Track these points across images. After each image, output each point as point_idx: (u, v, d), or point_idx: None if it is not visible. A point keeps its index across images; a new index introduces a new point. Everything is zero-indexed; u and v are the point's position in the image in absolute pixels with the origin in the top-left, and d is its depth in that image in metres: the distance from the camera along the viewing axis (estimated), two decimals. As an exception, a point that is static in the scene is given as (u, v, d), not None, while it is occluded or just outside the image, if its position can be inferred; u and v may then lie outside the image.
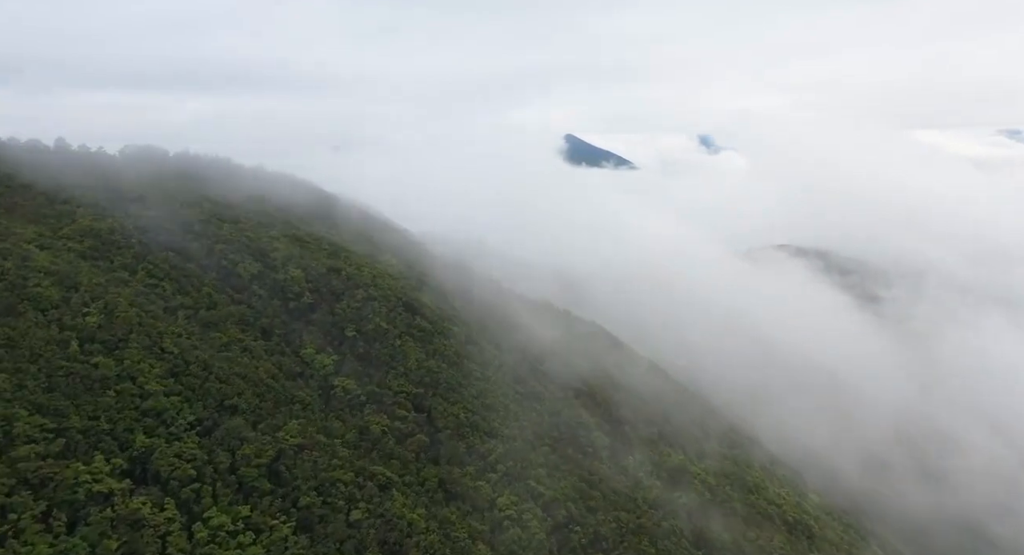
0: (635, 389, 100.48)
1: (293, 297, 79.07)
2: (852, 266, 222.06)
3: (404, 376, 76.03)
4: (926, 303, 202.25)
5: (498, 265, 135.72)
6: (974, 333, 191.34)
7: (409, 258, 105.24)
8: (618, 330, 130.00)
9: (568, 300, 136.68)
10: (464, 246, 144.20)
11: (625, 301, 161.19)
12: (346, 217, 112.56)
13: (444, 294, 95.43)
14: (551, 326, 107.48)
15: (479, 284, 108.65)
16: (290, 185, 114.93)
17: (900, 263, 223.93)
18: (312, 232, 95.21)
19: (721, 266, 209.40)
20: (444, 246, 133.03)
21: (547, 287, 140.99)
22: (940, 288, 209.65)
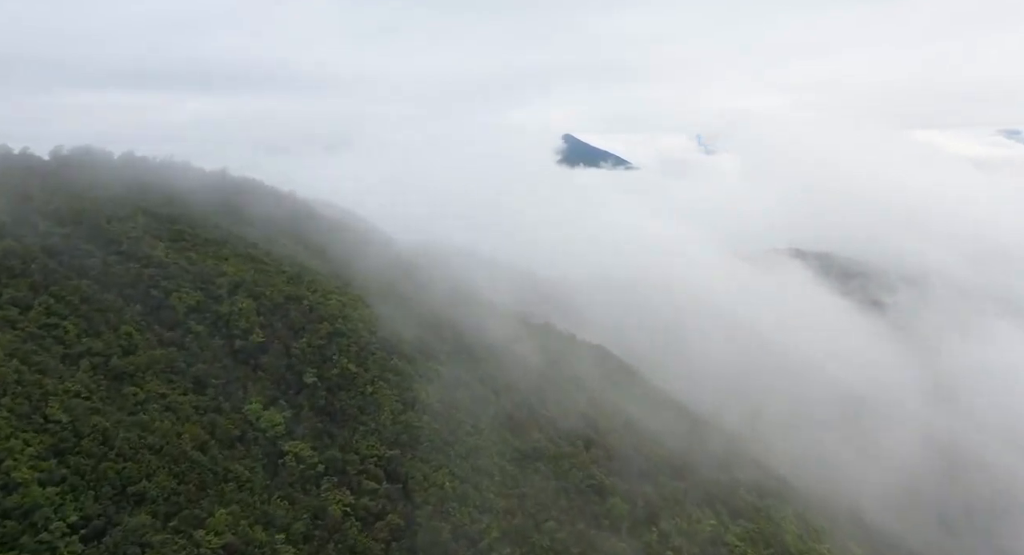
0: (651, 431, 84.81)
1: (240, 334, 63.21)
2: (854, 269, 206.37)
3: (376, 434, 60.25)
4: (932, 310, 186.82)
5: (490, 278, 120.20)
6: (990, 345, 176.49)
7: (391, 278, 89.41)
8: (616, 342, 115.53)
9: (565, 313, 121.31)
10: (454, 257, 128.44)
11: (623, 311, 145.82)
12: (320, 230, 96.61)
13: (429, 323, 79.53)
14: (553, 355, 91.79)
15: (471, 307, 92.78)
16: (256, 193, 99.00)
17: (902, 266, 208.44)
18: (273, 251, 79.21)
19: (722, 271, 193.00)
20: (432, 259, 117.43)
21: (544, 301, 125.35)
22: (945, 293, 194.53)
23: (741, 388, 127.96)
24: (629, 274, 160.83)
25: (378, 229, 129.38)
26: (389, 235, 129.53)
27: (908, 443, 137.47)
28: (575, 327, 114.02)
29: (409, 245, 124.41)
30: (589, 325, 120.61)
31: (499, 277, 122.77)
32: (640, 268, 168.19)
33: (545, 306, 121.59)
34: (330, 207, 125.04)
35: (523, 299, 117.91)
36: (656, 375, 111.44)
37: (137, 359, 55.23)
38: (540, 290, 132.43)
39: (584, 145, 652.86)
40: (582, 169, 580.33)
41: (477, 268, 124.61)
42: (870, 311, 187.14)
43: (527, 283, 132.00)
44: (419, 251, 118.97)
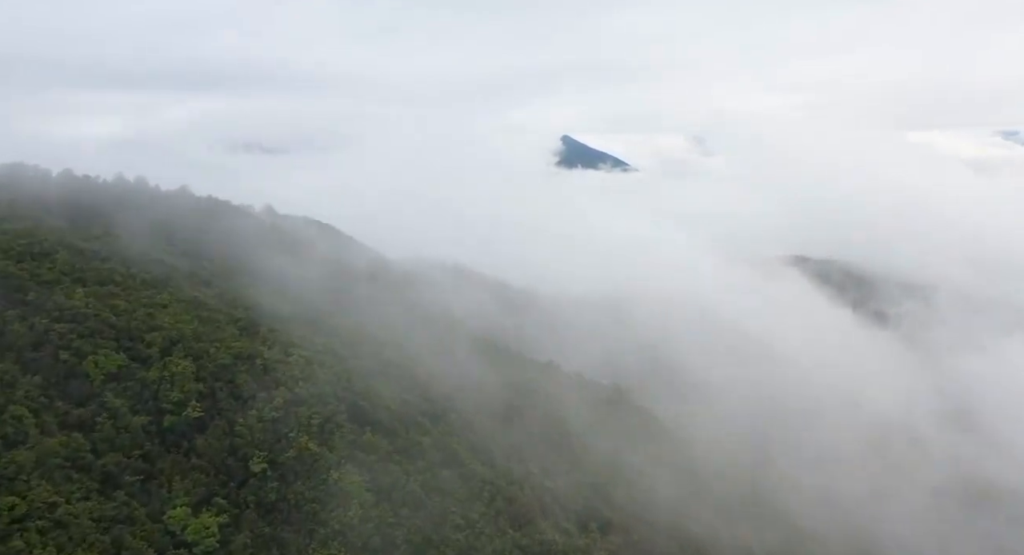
0: (675, 499, 71.49)
1: (171, 408, 49.73)
2: (856, 278, 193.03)
3: (340, 537, 46.86)
4: (938, 323, 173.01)
5: (477, 303, 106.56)
6: (1004, 363, 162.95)
7: (369, 317, 75.90)
8: (610, 361, 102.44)
9: (556, 331, 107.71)
10: (441, 275, 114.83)
11: (616, 328, 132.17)
12: (295, 257, 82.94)
13: (413, 376, 66.01)
14: (555, 403, 78.30)
15: (458, 344, 79.42)
16: (219, 215, 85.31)
17: (904, 274, 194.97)
18: (227, 292, 65.61)
19: (721, 282, 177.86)
20: (418, 281, 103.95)
21: (537, 322, 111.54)
22: (950, 304, 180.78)
23: (748, 416, 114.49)
24: (623, 287, 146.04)
25: (363, 248, 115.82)
26: (375, 253, 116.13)
27: (932, 475, 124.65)
28: (567, 347, 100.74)
29: (396, 266, 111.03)
30: (581, 344, 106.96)
31: (486, 300, 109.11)
32: (635, 279, 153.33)
33: (538, 328, 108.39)
34: (311, 225, 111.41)
35: (515, 325, 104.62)
36: (654, 399, 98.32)
37: (21, 455, 41.71)
38: (534, 310, 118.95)
39: (583, 146, 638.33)
40: (580, 171, 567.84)
41: (466, 290, 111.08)
42: (876, 324, 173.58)
43: (517, 302, 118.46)
44: (406, 276, 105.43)
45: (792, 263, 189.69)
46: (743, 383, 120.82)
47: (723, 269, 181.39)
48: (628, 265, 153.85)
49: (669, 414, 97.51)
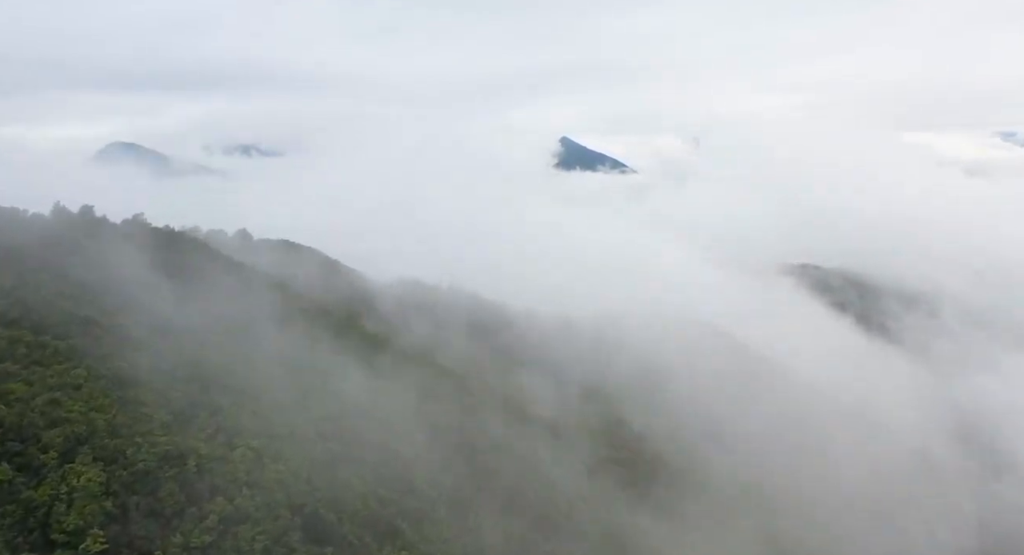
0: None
1: (64, 540, 37.44)
2: (858, 288, 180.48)
3: None
4: (942, 336, 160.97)
5: (474, 323, 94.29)
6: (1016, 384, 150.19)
7: (348, 371, 63.47)
8: (601, 383, 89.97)
9: (547, 353, 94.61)
10: (431, 296, 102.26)
11: (607, 346, 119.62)
12: (256, 297, 70.12)
13: (397, 458, 53.68)
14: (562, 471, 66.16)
15: (445, 400, 67.12)
16: (178, 250, 72.49)
17: (904, 284, 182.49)
18: (164, 358, 53.06)
19: (721, 294, 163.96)
20: (408, 312, 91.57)
21: (531, 346, 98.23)
22: (953, 316, 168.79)
23: (750, 445, 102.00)
24: (620, 305, 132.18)
25: (348, 274, 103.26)
26: (362, 279, 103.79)
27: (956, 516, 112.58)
28: (560, 371, 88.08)
29: (387, 294, 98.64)
30: (573, 364, 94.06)
31: (480, 328, 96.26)
32: (632, 295, 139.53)
33: (530, 354, 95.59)
34: (290, 251, 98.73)
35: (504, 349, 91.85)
36: (646, 423, 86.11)
37: None
38: (534, 333, 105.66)
39: (581, 148, 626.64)
40: (578, 173, 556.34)
41: (459, 309, 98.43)
42: (881, 337, 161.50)
43: (534, 325, 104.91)
44: (397, 307, 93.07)
45: (793, 272, 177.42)
46: (750, 408, 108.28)
47: (723, 280, 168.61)
48: (626, 280, 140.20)
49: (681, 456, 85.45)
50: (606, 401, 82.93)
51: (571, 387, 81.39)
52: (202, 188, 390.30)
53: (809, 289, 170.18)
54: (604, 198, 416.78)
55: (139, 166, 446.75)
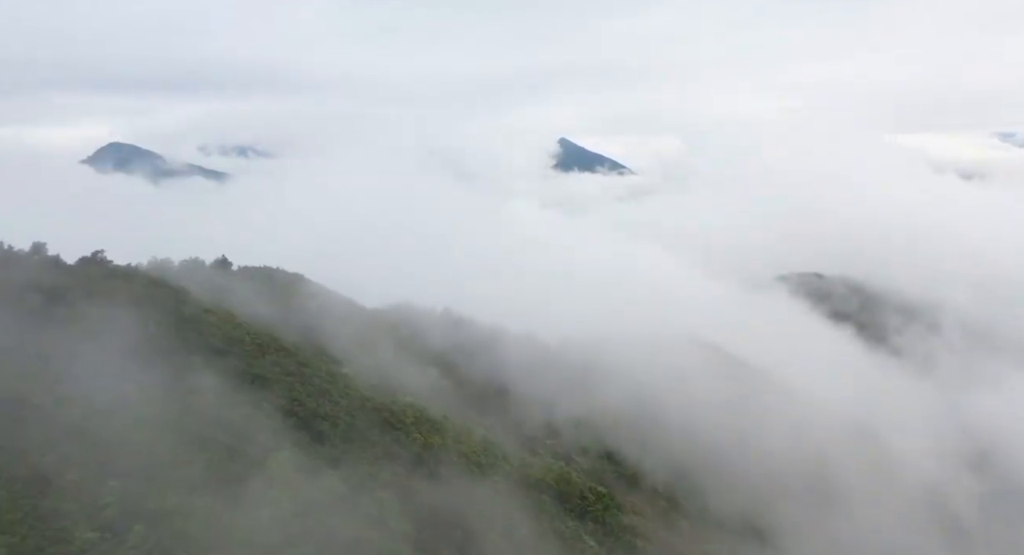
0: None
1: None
2: (858, 297, 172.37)
3: None
4: (946, 351, 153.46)
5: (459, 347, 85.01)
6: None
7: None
8: (589, 414, 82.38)
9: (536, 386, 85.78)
10: (426, 323, 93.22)
11: (609, 373, 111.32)
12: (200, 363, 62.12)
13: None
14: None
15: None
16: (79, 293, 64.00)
17: (905, 293, 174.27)
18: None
19: (719, 308, 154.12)
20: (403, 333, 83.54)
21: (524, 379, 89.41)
22: (958, 330, 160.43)
23: (755, 479, 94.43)
24: (607, 320, 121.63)
25: (338, 303, 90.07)
26: (352, 309, 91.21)
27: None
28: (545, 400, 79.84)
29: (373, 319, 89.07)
30: (560, 391, 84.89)
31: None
32: (620, 305, 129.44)
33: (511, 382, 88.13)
34: (275, 280, 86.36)
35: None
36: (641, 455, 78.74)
37: None
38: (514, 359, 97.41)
39: (580, 149, 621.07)
40: (576, 174, 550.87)
41: (462, 336, 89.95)
42: (883, 351, 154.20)
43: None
44: (390, 325, 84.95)
45: (793, 282, 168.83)
46: (754, 436, 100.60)
47: (721, 293, 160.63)
48: (619, 295, 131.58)
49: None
50: (594, 430, 76.08)
51: (556, 417, 74.57)
52: (197, 191, 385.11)
53: (810, 300, 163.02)
54: (601, 201, 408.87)
55: (135, 167, 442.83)
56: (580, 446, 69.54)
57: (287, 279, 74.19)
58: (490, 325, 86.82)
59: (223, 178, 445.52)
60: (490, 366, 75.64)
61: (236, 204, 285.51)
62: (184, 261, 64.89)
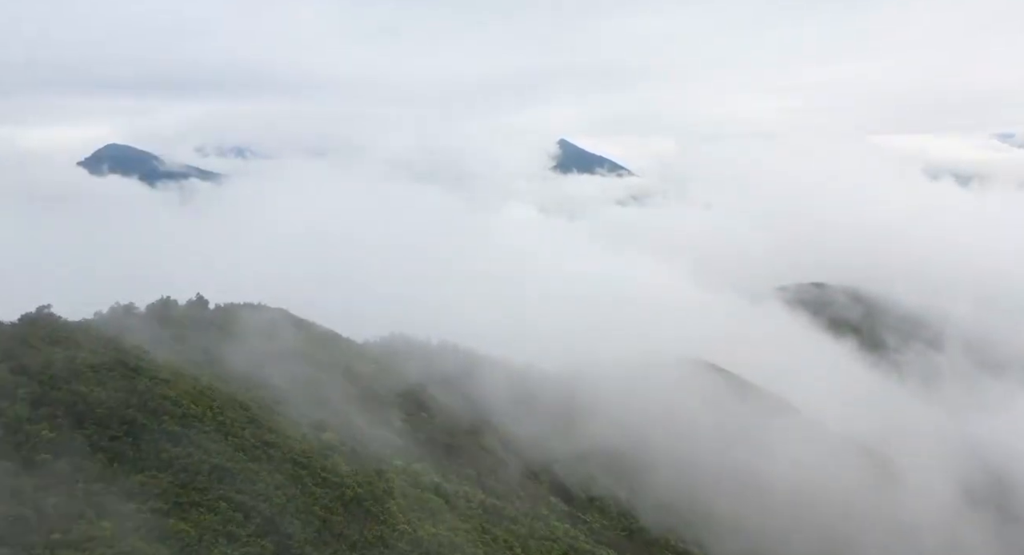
0: None
1: None
2: (859, 309, 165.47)
3: None
4: (951, 367, 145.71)
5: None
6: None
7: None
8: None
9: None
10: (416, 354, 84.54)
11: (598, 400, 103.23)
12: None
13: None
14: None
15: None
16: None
17: (906, 307, 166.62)
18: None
19: (721, 323, 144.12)
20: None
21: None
22: (961, 348, 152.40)
23: (762, 520, 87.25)
24: (595, 339, 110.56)
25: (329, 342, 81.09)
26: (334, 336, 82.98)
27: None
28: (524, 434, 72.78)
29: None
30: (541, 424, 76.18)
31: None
32: (611, 322, 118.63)
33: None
34: (253, 314, 78.51)
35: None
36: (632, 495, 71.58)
37: None
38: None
39: (579, 150, 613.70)
40: (575, 175, 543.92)
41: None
42: (888, 368, 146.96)
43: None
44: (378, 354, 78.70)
45: (793, 293, 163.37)
46: (760, 469, 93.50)
47: (719, 306, 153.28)
48: (608, 311, 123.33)
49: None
50: (581, 467, 70.45)
51: (535, 455, 68.80)
52: (190, 194, 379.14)
53: (810, 310, 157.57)
54: (599, 202, 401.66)
55: (132, 168, 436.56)
56: (567, 491, 64.18)
57: (265, 319, 67.08)
58: (474, 354, 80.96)
59: (220, 179, 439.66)
60: (472, 401, 70.24)
61: (226, 214, 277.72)
62: (152, 305, 58.57)
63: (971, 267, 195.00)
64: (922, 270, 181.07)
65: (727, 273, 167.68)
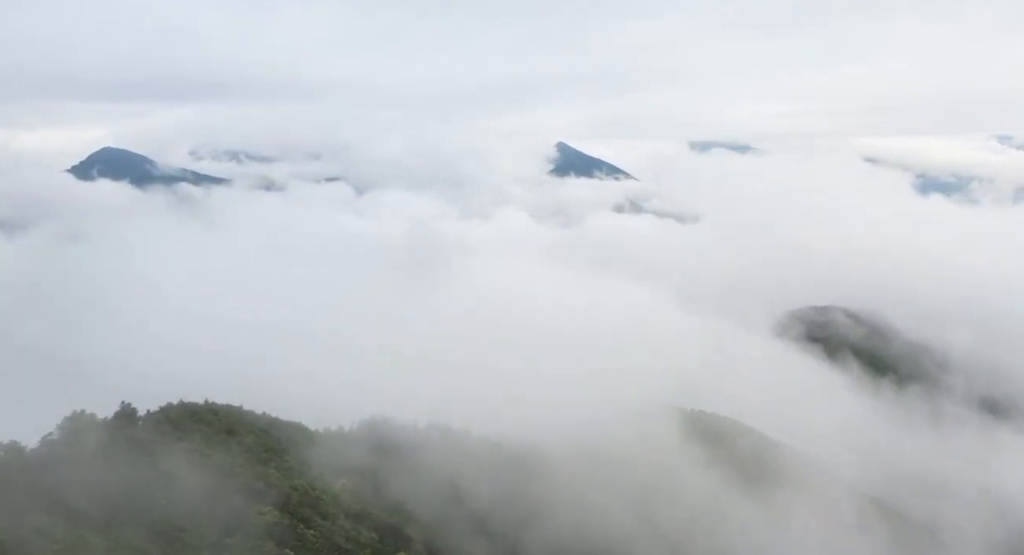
0: None
1: None
2: (862, 337, 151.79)
3: None
4: (956, 403, 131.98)
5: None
6: None
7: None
8: None
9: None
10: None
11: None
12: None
13: None
14: None
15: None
16: None
17: (910, 335, 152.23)
18: None
19: (717, 359, 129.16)
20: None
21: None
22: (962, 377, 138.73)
23: None
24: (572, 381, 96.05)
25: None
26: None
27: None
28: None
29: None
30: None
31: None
32: (592, 359, 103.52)
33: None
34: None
35: None
36: None
37: None
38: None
39: (578, 153, 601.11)
40: (572, 179, 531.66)
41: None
42: (900, 406, 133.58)
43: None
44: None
45: (791, 319, 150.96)
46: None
47: (712, 336, 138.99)
48: (589, 345, 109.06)
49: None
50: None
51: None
52: (178, 201, 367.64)
53: (808, 338, 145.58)
54: (591, 210, 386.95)
55: (125, 171, 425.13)
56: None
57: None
58: (427, 427, 69.05)
59: (213, 183, 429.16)
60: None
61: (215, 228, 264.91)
62: (63, 426, 45.25)
63: (973, 287, 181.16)
64: (924, 292, 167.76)
65: (716, 295, 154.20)
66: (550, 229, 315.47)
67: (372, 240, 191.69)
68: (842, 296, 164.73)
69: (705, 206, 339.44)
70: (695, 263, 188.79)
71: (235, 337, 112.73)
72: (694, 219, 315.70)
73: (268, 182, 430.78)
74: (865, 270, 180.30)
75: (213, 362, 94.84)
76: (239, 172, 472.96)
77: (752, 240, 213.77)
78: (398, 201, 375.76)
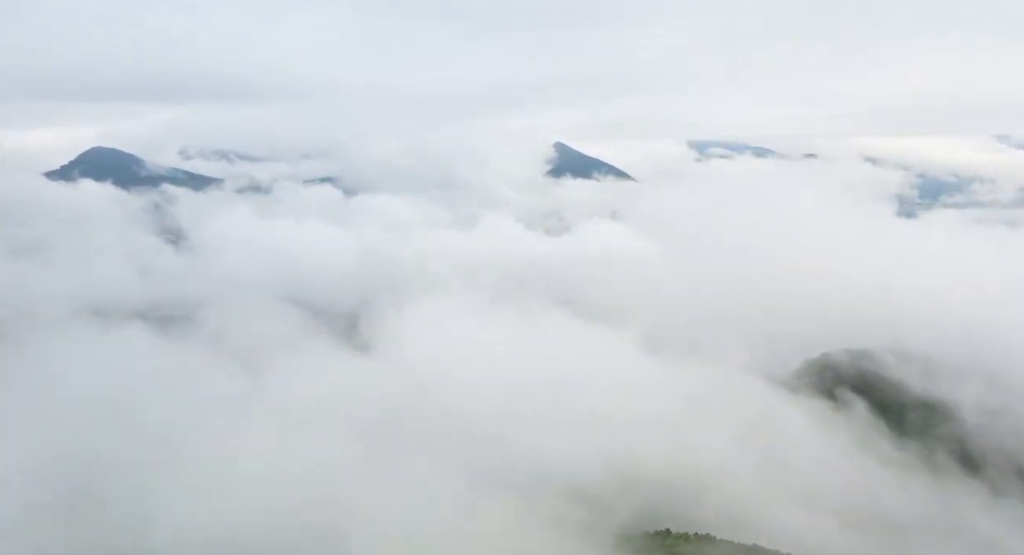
0: None
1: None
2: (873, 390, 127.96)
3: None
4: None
5: None
6: None
7: None
8: None
9: None
10: None
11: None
12: None
13: None
14: None
15: None
16: None
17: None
18: None
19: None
20: None
21: None
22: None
23: None
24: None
25: None
26: None
27: None
28: None
29: None
30: None
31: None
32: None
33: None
34: None
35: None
36: None
37: None
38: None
39: (577, 154, 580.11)
40: (569, 181, 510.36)
41: None
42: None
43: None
44: None
45: (798, 373, 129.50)
46: None
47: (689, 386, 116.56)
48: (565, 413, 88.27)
49: None
50: None
51: None
52: (166, 201, 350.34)
53: (805, 392, 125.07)
54: (586, 215, 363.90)
55: (113, 171, 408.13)
56: None
57: None
58: None
59: (201, 184, 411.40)
60: None
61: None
62: None
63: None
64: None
65: (724, 344, 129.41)
66: (538, 237, 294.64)
67: (333, 272, 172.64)
68: (843, 337, 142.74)
69: (701, 214, 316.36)
70: (677, 293, 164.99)
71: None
72: (683, 234, 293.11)
73: (256, 183, 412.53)
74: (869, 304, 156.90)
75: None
76: (229, 172, 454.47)
77: (747, 268, 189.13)
78: (386, 205, 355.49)
